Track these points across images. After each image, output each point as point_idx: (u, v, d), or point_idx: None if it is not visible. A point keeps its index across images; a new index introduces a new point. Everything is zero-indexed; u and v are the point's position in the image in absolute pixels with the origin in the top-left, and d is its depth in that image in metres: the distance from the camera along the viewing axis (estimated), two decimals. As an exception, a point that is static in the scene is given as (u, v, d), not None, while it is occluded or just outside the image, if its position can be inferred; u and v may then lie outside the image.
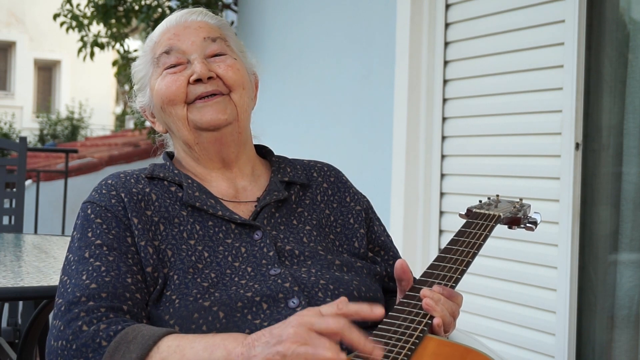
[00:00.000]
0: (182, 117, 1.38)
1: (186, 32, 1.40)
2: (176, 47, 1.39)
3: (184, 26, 1.41)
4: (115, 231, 1.29)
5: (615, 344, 2.50)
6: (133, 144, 8.49)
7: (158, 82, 1.40)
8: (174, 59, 1.39)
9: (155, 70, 1.42)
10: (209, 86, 1.37)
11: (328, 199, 1.47)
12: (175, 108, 1.38)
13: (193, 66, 1.37)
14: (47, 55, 18.97)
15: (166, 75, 1.39)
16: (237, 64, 1.41)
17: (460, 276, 1.25)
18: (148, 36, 1.48)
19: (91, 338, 1.15)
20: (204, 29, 1.41)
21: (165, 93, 1.38)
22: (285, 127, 4.00)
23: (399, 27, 3.20)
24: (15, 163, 3.28)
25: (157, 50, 1.42)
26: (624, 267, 2.50)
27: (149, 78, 1.44)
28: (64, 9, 5.30)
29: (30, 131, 16.86)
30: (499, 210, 1.44)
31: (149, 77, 1.44)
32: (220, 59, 1.40)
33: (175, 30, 1.41)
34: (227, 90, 1.38)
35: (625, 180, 2.49)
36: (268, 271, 1.29)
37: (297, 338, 0.98)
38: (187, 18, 1.43)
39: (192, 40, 1.39)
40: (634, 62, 2.49)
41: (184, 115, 1.38)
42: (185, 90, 1.37)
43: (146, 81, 1.45)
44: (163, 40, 1.41)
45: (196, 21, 1.43)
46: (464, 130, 3.02)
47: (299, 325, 1.00)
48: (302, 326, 1.00)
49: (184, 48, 1.39)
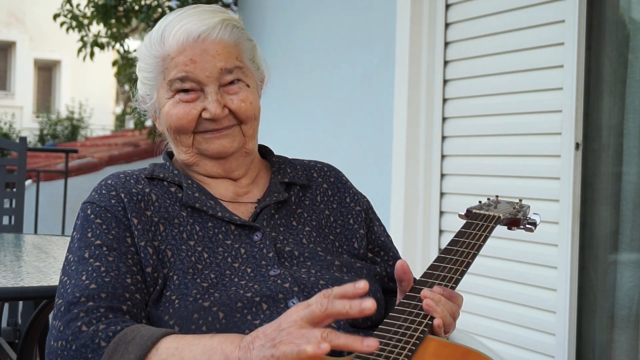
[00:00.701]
0: (187, 145, 1.37)
1: (203, 58, 1.33)
2: (192, 76, 1.33)
3: (202, 49, 1.33)
4: (115, 231, 1.29)
5: (615, 344, 2.50)
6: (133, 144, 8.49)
7: (169, 106, 1.36)
8: (189, 86, 1.34)
9: (165, 86, 1.36)
10: (220, 124, 1.35)
11: (328, 200, 1.47)
12: (182, 136, 1.37)
13: (207, 102, 1.33)
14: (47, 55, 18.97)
15: (178, 103, 1.35)
16: (250, 95, 1.37)
17: (461, 277, 1.25)
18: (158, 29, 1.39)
19: (90, 338, 1.15)
20: (221, 56, 1.34)
21: (176, 123, 1.35)
22: (285, 127, 4.00)
23: (399, 27, 3.20)
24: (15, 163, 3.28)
25: (171, 69, 1.34)
26: (624, 267, 2.50)
27: (157, 87, 1.38)
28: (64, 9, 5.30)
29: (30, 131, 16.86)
30: (499, 211, 1.44)
31: (157, 85, 1.38)
32: (234, 89, 1.36)
33: (192, 54, 1.33)
34: (238, 122, 1.37)
35: (625, 180, 2.49)
36: (268, 272, 1.29)
37: (290, 339, 0.99)
38: (207, 36, 1.33)
39: (209, 72, 1.33)
40: (634, 62, 2.49)
41: (189, 143, 1.37)
42: (196, 122, 1.35)
43: (154, 85, 1.39)
44: (179, 61, 1.33)
45: (215, 42, 1.34)
46: (464, 130, 3.02)
47: (290, 325, 1.00)
48: (294, 325, 1.00)
49: (200, 79, 1.33)
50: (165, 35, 1.36)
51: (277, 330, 1.02)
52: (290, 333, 0.99)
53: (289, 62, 4.00)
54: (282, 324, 1.02)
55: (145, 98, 1.43)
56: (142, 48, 1.40)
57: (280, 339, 1.00)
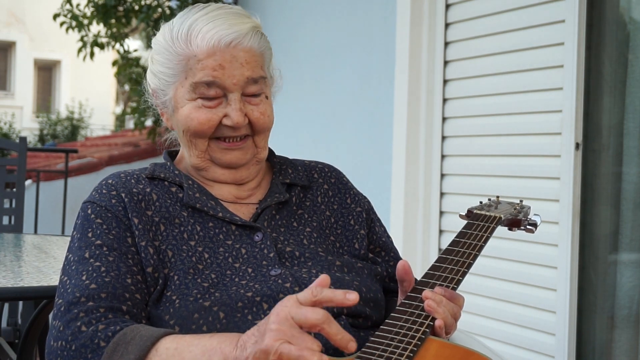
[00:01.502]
0: (201, 150, 1.36)
1: (232, 65, 1.31)
2: (219, 82, 1.32)
3: (232, 56, 1.31)
4: (116, 231, 1.29)
5: (615, 344, 2.50)
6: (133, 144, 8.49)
7: (189, 108, 1.34)
8: (213, 92, 1.33)
9: (188, 86, 1.34)
10: (238, 132, 1.35)
11: (329, 201, 1.47)
12: (197, 140, 1.36)
13: (229, 109, 1.33)
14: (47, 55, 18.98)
15: (201, 108, 1.33)
16: (268, 108, 1.37)
17: (462, 278, 1.25)
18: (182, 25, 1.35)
19: (90, 339, 1.15)
20: (250, 65, 1.33)
21: (196, 128, 1.34)
22: (285, 127, 4.00)
23: (399, 27, 3.20)
24: (15, 163, 3.28)
25: (197, 70, 1.32)
26: (624, 267, 2.50)
27: (176, 84, 1.36)
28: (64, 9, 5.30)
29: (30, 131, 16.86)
30: (500, 212, 1.44)
31: (176, 82, 1.36)
32: (256, 100, 1.35)
33: (222, 59, 1.31)
34: (252, 133, 1.37)
35: (625, 180, 2.49)
36: (268, 272, 1.29)
37: (279, 335, 0.99)
38: (238, 43, 1.32)
39: (236, 79, 1.32)
40: (634, 62, 2.49)
41: (204, 148, 1.36)
42: (215, 127, 1.34)
43: (171, 82, 1.36)
44: (207, 65, 1.31)
45: (245, 49, 1.32)
46: (464, 130, 3.02)
47: (280, 321, 1.00)
48: (284, 322, 1.00)
49: (227, 85, 1.32)
50: (193, 34, 1.33)
51: (268, 326, 1.02)
52: (281, 330, 0.99)
53: (289, 62, 4.00)
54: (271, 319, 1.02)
55: (158, 93, 1.40)
56: (160, 41, 1.37)
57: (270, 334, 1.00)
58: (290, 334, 0.99)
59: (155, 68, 1.39)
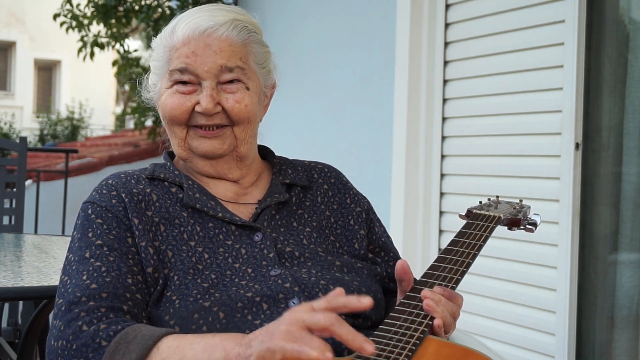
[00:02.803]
0: (180, 137, 1.38)
1: (205, 52, 1.33)
2: (191, 68, 1.34)
3: (205, 44, 1.33)
4: (116, 231, 1.29)
5: (615, 344, 2.50)
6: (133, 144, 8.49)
7: (166, 95, 1.37)
8: (187, 78, 1.35)
9: (167, 75, 1.38)
10: (211, 120, 1.35)
11: (328, 201, 1.47)
12: (175, 128, 1.38)
13: (201, 96, 1.34)
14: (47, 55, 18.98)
15: (175, 93, 1.36)
16: (246, 97, 1.36)
17: (461, 277, 1.25)
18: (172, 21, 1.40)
19: (91, 338, 1.15)
20: (224, 53, 1.34)
21: (170, 113, 1.36)
22: (285, 127, 4.00)
23: (399, 27, 3.20)
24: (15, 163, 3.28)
25: (174, 59, 1.36)
26: (624, 267, 2.50)
27: (162, 76, 1.40)
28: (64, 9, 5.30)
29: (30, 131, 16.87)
30: (499, 212, 1.44)
31: (162, 74, 1.40)
32: (232, 88, 1.36)
33: (196, 47, 1.34)
34: (231, 123, 1.37)
35: (625, 180, 2.49)
36: (268, 272, 1.29)
37: (288, 335, 0.99)
38: (213, 31, 1.34)
39: (209, 66, 1.33)
40: (634, 62, 2.49)
41: (182, 136, 1.37)
42: (189, 115, 1.36)
43: (159, 74, 1.40)
44: (181, 52, 1.35)
45: (220, 38, 1.34)
46: (464, 130, 3.02)
47: (291, 322, 1.00)
48: (294, 324, 1.00)
49: (198, 72, 1.34)
50: (177, 27, 1.37)
51: (276, 325, 1.02)
52: (289, 331, 0.99)
53: (289, 62, 4.00)
54: (283, 320, 1.02)
55: (152, 87, 1.44)
56: (156, 38, 1.42)
57: (278, 333, 1.00)
58: (299, 336, 0.98)
59: (152, 64, 1.43)
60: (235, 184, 1.42)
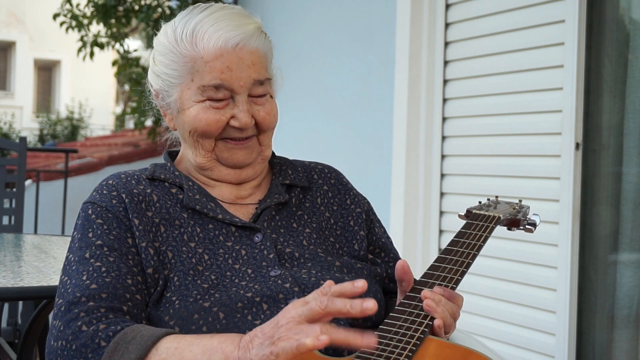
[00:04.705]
0: (208, 150, 1.37)
1: (239, 67, 1.32)
2: (227, 84, 1.32)
3: (239, 58, 1.32)
4: (116, 232, 1.29)
5: (615, 344, 2.50)
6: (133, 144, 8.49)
7: (197, 109, 1.34)
8: (221, 95, 1.33)
9: (195, 89, 1.34)
10: (245, 133, 1.35)
11: (328, 202, 1.47)
12: (204, 140, 1.36)
13: (237, 110, 1.33)
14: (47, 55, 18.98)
15: (209, 109, 1.33)
16: (274, 107, 1.38)
17: (461, 277, 1.25)
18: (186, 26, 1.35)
19: (90, 338, 1.15)
20: (256, 66, 1.33)
21: (204, 128, 1.34)
22: (285, 127, 4.00)
23: (399, 27, 3.20)
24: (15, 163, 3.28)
25: (204, 73, 1.32)
26: (624, 267, 2.50)
27: (181, 86, 1.35)
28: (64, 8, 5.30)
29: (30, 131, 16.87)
30: (499, 212, 1.44)
31: (181, 84, 1.35)
32: (262, 100, 1.36)
33: (230, 62, 1.31)
34: (258, 132, 1.37)
35: (625, 180, 2.49)
36: (268, 273, 1.29)
37: (289, 335, 0.99)
38: (244, 45, 1.32)
39: (243, 82, 1.32)
40: (634, 62, 2.49)
41: (210, 148, 1.37)
42: (222, 128, 1.35)
43: (176, 83, 1.36)
44: (214, 67, 1.31)
45: (251, 51, 1.33)
46: (464, 130, 3.02)
47: (287, 321, 1.01)
48: (291, 321, 1.00)
49: (234, 87, 1.32)
50: (198, 36, 1.33)
51: (275, 328, 1.02)
52: (289, 329, 1.00)
53: (289, 62, 4.00)
54: (279, 321, 1.02)
55: (163, 94, 1.39)
56: (163, 42, 1.37)
57: (279, 336, 1.00)
58: (297, 331, 0.99)
59: (159, 69, 1.38)
60: (239, 185, 1.42)
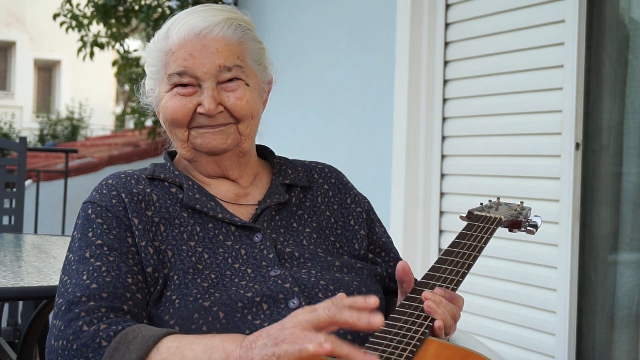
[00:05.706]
0: (182, 139, 1.38)
1: (203, 54, 1.33)
2: (190, 71, 1.34)
3: (202, 45, 1.33)
4: (116, 231, 1.29)
5: (615, 344, 2.50)
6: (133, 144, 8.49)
7: (166, 98, 1.37)
8: (186, 81, 1.35)
9: (165, 79, 1.37)
10: (214, 120, 1.35)
11: (329, 201, 1.47)
12: (177, 130, 1.37)
13: (202, 97, 1.34)
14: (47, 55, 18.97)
15: (175, 95, 1.36)
16: (247, 93, 1.37)
17: (462, 279, 1.25)
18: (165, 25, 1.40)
19: (91, 338, 1.15)
20: (222, 53, 1.34)
21: (171, 115, 1.36)
22: (285, 127, 4.00)
23: (399, 27, 3.20)
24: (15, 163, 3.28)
25: (171, 63, 1.35)
26: (624, 267, 2.50)
27: (159, 80, 1.39)
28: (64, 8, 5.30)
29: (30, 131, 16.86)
30: (500, 213, 1.44)
31: (159, 79, 1.40)
32: (232, 86, 1.36)
33: (193, 49, 1.34)
34: (234, 120, 1.37)
35: (625, 180, 2.49)
36: (268, 272, 1.29)
37: (293, 339, 0.99)
38: (208, 32, 1.34)
39: (207, 68, 1.33)
40: (634, 62, 2.49)
41: (184, 138, 1.37)
42: (191, 117, 1.35)
43: (157, 79, 1.40)
44: (179, 55, 1.34)
45: (216, 38, 1.34)
46: (464, 130, 3.02)
47: (294, 325, 1.01)
48: (297, 326, 1.00)
49: (198, 74, 1.34)
50: (170, 30, 1.37)
51: (280, 330, 1.02)
52: (293, 333, 0.99)
53: (289, 61, 4.00)
54: (286, 324, 1.02)
55: (149, 92, 1.44)
56: (150, 43, 1.42)
57: (283, 338, 1.00)
58: (302, 336, 0.99)
59: (147, 69, 1.43)
60: (235, 184, 1.42)
